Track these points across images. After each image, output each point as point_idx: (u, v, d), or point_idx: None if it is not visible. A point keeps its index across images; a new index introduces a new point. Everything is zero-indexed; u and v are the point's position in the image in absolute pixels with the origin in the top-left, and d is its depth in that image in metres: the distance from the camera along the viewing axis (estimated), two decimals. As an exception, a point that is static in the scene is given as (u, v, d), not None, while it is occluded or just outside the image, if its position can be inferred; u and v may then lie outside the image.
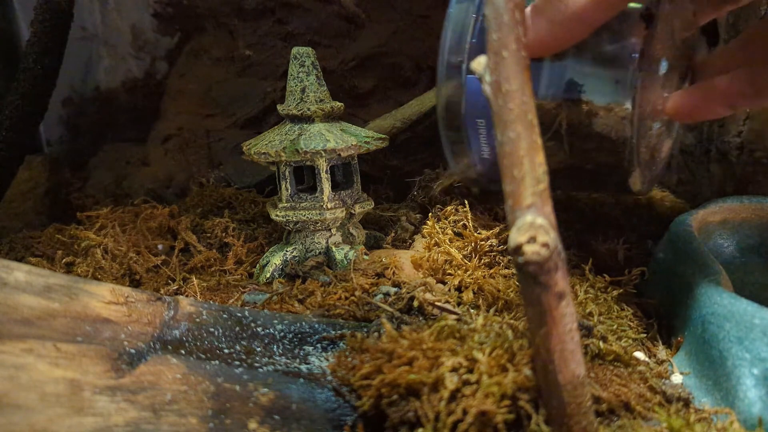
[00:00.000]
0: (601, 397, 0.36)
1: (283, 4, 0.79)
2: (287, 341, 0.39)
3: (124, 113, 0.98)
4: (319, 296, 0.49)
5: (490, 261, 0.53)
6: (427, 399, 0.32)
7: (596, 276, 0.52)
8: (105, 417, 0.30)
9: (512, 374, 0.32)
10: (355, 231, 0.60)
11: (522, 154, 0.29)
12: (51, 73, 0.66)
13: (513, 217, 0.28)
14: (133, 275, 0.58)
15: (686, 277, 0.47)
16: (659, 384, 0.39)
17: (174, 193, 0.80)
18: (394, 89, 0.81)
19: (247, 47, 0.81)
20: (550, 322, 0.29)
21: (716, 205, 0.58)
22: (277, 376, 0.36)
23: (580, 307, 0.47)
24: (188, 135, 0.83)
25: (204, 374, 0.34)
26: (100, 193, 0.83)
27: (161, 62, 0.98)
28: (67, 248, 0.60)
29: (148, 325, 0.36)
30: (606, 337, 0.43)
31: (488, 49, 0.30)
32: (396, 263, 0.54)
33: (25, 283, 0.33)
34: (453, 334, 0.36)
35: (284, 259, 0.56)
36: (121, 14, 0.97)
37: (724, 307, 0.40)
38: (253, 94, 0.81)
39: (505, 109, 0.29)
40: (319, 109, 0.56)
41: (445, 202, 0.61)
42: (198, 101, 0.84)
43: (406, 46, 0.79)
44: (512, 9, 0.29)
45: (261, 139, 0.58)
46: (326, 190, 0.56)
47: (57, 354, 0.31)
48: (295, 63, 0.56)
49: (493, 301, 0.48)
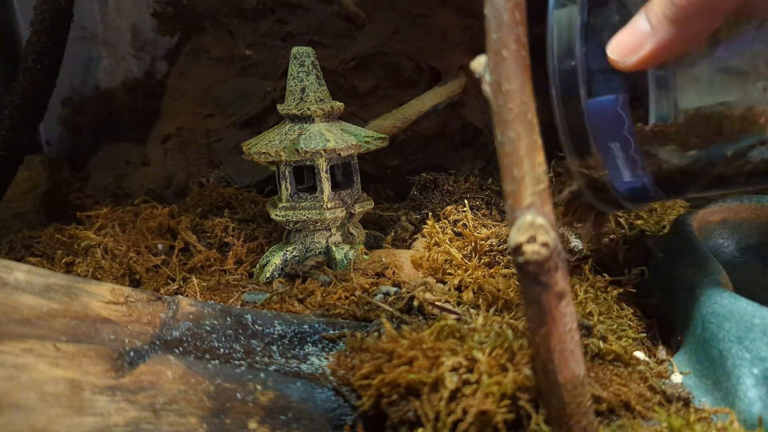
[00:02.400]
0: (601, 397, 0.36)
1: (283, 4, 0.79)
2: (287, 341, 0.39)
3: (124, 113, 0.98)
4: (319, 296, 0.49)
5: (490, 260, 0.53)
6: (427, 399, 0.32)
7: (596, 276, 0.52)
8: (105, 417, 0.30)
9: (512, 374, 0.32)
10: (355, 231, 0.60)
11: (522, 153, 0.29)
12: (51, 73, 0.66)
13: (513, 217, 0.28)
14: (133, 275, 0.58)
15: (686, 277, 0.47)
16: (659, 384, 0.39)
17: (174, 193, 0.80)
18: (394, 89, 0.81)
19: (247, 47, 0.81)
20: (550, 321, 0.29)
21: (716, 205, 0.57)
22: (277, 376, 0.36)
23: (580, 307, 0.47)
24: (188, 135, 0.83)
25: (204, 374, 0.34)
26: (100, 193, 0.83)
27: (161, 62, 0.98)
28: (66, 248, 0.60)
29: (148, 325, 0.36)
30: (606, 337, 0.43)
31: (488, 49, 0.30)
32: (396, 263, 0.54)
33: (25, 283, 0.33)
34: (453, 333, 0.36)
35: (284, 259, 0.56)
36: (121, 14, 0.97)
37: (724, 307, 0.40)
38: (253, 94, 0.81)
39: (505, 108, 0.29)
40: (319, 109, 0.56)
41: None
42: (198, 101, 0.84)
43: (406, 46, 0.79)
44: (512, 9, 0.29)
45: (261, 138, 0.58)
46: (326, 190, 0.56)
47: (57, 354, 0.31)
48: (295, 63, 0.56)
49: (493, 300, 0.48)
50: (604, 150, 0.43)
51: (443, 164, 0.80)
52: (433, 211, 0.64)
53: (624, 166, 0.44)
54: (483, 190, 0.68)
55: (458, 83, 0.78)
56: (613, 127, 0.42)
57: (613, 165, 0.44)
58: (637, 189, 0.45)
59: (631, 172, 0.44)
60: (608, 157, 0.44)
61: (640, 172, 0.44)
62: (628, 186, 0.45)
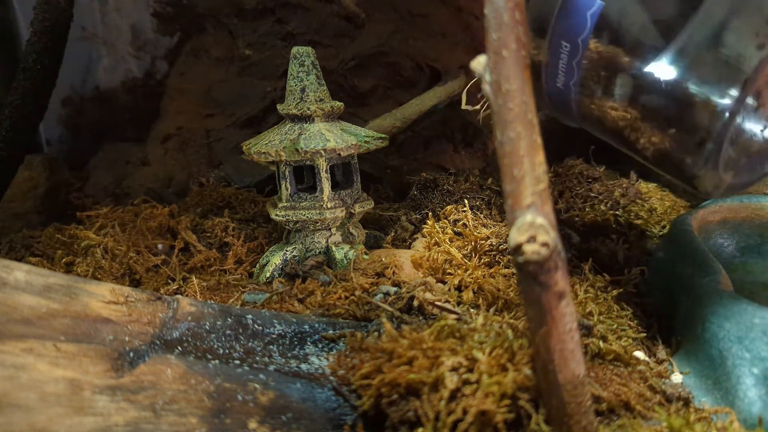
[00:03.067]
0: (601, 397, 0.36)
1: (283, 4, 0.79)
2: (287, 341, 0.39)
3: (124, 113, 0.98)
4: (319, 296, 0.49)
5: (490, 260, 0.53)
6: (427, 398, 0.32)
7: (596, 276, 0.52)
8: (105, 417, 0.30)
9: (512, 374, 0.32)
10: (355, 231, 0.60)
11: (522, 153, 0.29)
12: (51, 73, 0.66)
13: (513, 217, 0.28)
14: (133, 275, 0.58)
15: (686, 277, 0.47)
16: (659, 383, 0.39)
17: (174, 193, 0.80)
18: (394, 89, 0.81)
19: (247, 47, 0.81)
20: (550, 321, 0.29)
21: (716, 205, 0.58)
22: (277, 376, 0.36)
23: (580, 307, 0.47)
24: (188, 135, 0.83)
25: (204, 374, 0.34)
26: (100, 193, 0.83)
27: (161, 62, 0.98)
28: (66, 248, 0.60)
29: (148, 325, 0.36)
30: (606, 337, 0.43)
31: (488, 49, 0.30)
32: (396, 263, 0.54)
33: (25, 283, 0.33)
34: (453, 333, 0.36)
35: (284, 259, 0.56)
36: (121, 14, 0.97)
37: (724, 306, 0.40)
38: (253, 93, 0.81)
39: (505, 108, 0.29)
40: (319, 109, 0.56)
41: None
42: (198, 101, 0.84)
43: (406, 46, 0.79)
44: (512, 9, 0.29)
45: (261, 138, 0.58)
46: (326, 190, 0.56)
47: (57, 354, 0.31)
48: (295, 62, 0.56)
49: (492, 300, 0.48)
50: (555, 43, 0.44)
51: (443, 164, 0.80)
52: (433, 211, 0.64)
53: (562, 71, 0.44)
54: (483, 190, 0.68)
55: (458, 83, 0.78)
56: (575, 27, 0.43)
57: (554, 62, 0.44)
58: (562, 99, 0.45)
59: (564, 79, 0.44)
60: (554, 52, 0.44)
61: (572, 87, 0.44)
62: (556, 91, 0.45)
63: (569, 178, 0.69)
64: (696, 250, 0.49)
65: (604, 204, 0.66)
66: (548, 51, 0.44)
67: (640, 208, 0.66)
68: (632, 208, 0.65)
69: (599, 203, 0.66)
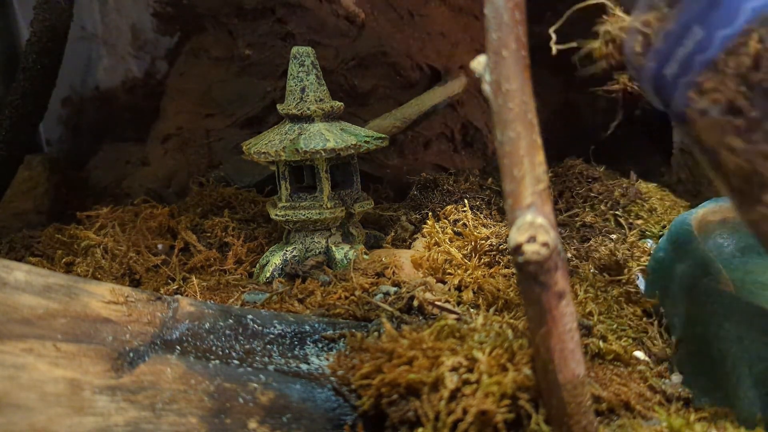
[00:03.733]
0: (601, 397, 0.36)
1: (283, 3, 0.79)
2: (287, 341, 0.39)
3: (124, 113, 0.98)
4: (319, 296, 0.49)
5: (490, 260, 0.53)
6: (427, 398, 0.32)
7: (596, 276, 0.52)
8: (105, 416, 0.30)
9: (512, 374, 0.32)
10: (355, 231, 0.60)
11: (522, 153, 0.29)
12: (51, 73, 0.66)
13: (513, 217, 0.28)
14: (133, 275, 0.58)
15: (686, 277, 0.47)
16: (659, 383, 0.39)
17: (174, 193, 0.80)
18: (394, 89, 0.81)
19: (246, 47, 0.81)
20: (550, 321, 0.29)
21: (716, 205, 0.57)
22: (277, 376, 0.36)
23: (580, 307, 0.47)
24: (188, 135, 0.83)
25: (204, 374, 0.34)
26: (100, 193, 0.83)
27: (161, 62, 0.98)
28: (66, 248, 0.60)
29: (148, 325, 0.36)
30: (606, 337, 0.43)
31: (488, 49, 0.30)
32: (396, 263, 0.54)
33: (25, 283, 0.33)
34: (453, 333, 0.36)
35: (284, 259, 0.56)
36: (121, 14, 0.97)
37: (724, 306, 0.40)
38: (253, 93, 0.81)
39: (505, 108, 0.29)
40: (319, 109, 0.56)
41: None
42: (198, 101, 0.84)
43: (406, 46, 0.79)
44: (512, 9, 0.29)
45: (261, 138, 0.58)
46: (326, 190, 0.56)
47: (57, 354, 0.31)
48: (295, 62, 0.56)
49: (492, 300, 0.48)
50: (683, 22, 0.34)
51: (443, 164, 0.80)
52: (433, 210, 0.64)
53: (677, 61, 0.34)
54: (483, 190, 0.68)
55: (458, 83, 0.78)
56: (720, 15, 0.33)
57: (671, 45, 0.34)
58: (661, 86, 0.35)
59: (677, 71, 0.34)
60: (677, 32, 0.34)
61: (681, 87, 0.35)
62: (658, 76, 0.35)
63: (569, 178, 0.69)
64: (696, 250, 0.48)
65: (604, 204, 0.66)
66: (671, 25, 0.34)
67: (640, 208, 0.66)
68: (632, 208, 0.65)
69: (599, 203, 0.66)
